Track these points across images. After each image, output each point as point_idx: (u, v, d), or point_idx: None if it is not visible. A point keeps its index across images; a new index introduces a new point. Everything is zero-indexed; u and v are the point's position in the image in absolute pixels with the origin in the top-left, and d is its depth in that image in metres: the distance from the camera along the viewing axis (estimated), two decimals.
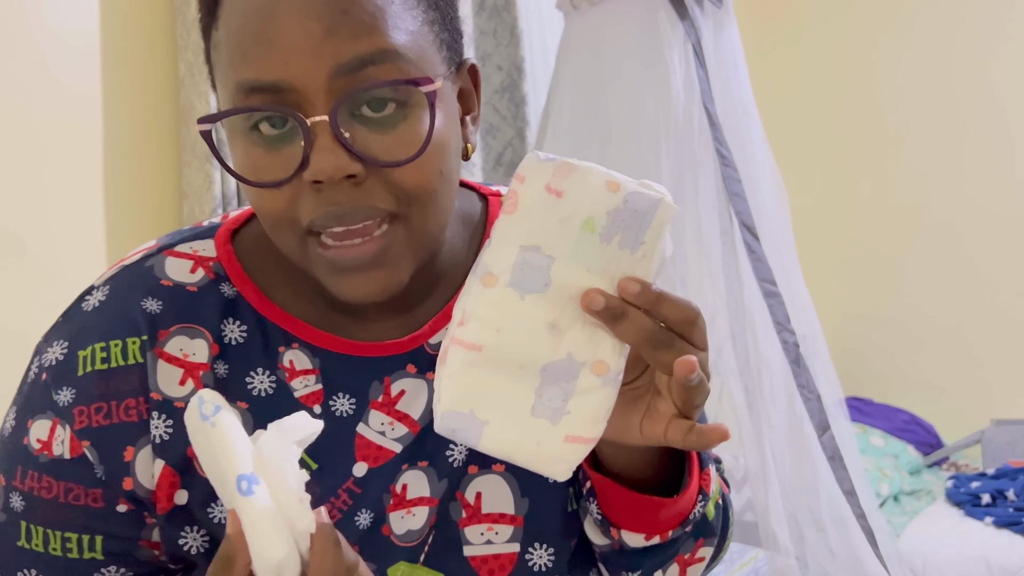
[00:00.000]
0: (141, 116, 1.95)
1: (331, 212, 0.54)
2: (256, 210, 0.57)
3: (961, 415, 3.19)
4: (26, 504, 0.61)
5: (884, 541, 1.91)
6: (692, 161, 2.05)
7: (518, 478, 0.67)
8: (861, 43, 3.48)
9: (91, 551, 0.61)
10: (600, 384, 0.52)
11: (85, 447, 0.61)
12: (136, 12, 1.94)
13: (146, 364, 0.61)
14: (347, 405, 0.64)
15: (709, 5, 2.10)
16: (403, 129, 0.54)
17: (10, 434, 0.63)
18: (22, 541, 0.61)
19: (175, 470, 0.61)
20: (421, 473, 0.65)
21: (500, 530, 0.66)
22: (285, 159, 0.54)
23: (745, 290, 1.94)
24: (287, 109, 0.52)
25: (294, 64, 0.51)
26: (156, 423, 0.61)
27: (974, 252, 3.27)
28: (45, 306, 1.86)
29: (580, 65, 2.26)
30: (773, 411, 1.91)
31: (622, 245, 0.51)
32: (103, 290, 0.64)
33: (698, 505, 0.63)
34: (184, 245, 0.65)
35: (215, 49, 0.56)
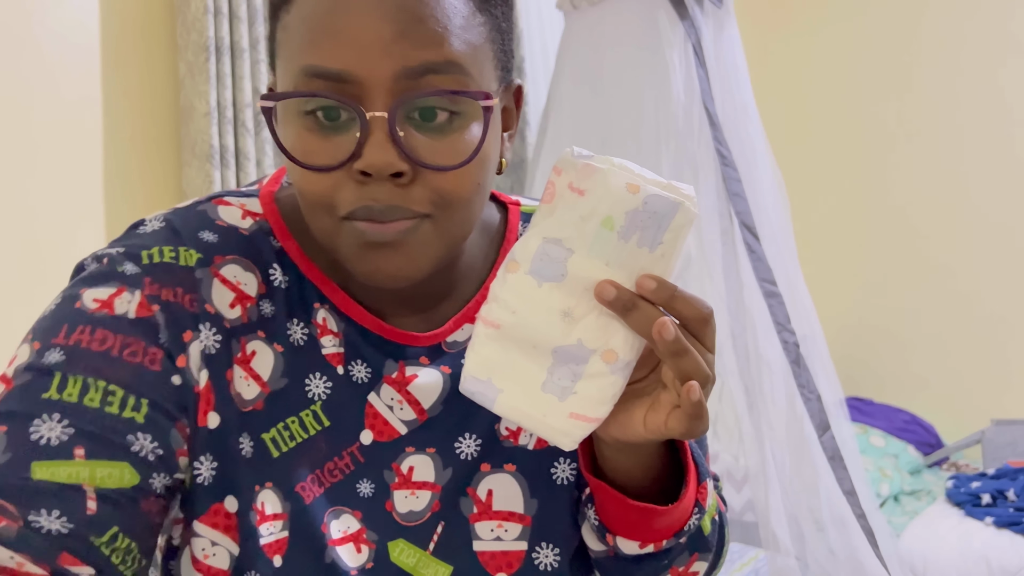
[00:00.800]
0: (141, 116, 1.95)
1: (370, 207, 0.56)
2: (298, 189, 0.59)
3: (961, 415, 3.19)
4: (67, 356, 0.56)
5: (884, 541, 1.91)
6: (692, 161, 2.05)
7: (528, 479, 0.69)
8: (861, 43, 3.49)
9: (134, 411, 0.56)
10: (608, 371, 0.56)
11: (155, 310, 0.59)
12: (136, 12, 1.94)
13: (202, 278, 0.62)
14: (363, 372, 0.66)
15: (709, 5, 2.10)
16: (453, 137, 0.57)
17: (54, 309, 0.59)
18: (50, 392, 0.55)
19: (213, 387, 0.61)
20: (428, 459, 0.67)
21: (509, 528, 0.68)
22: (336, 146, 0.56)
23: (745, 290, 1.94)
24: (348, 100, 0.55)
25: (362, 58, 0.54)
26: (206, 332, 0.61)
27: (974, 252, 3.27)
28: (44, 306, 1.86)
29: (580, 65, 2.26)
30: (773, 411, 1.91)
31: (640, 244, 0.54)
32: (157, 221, 0.64)
33: (693, 517, 0.65)
34: (231, 198, 0.68)
35: (283, 31, 0.58)
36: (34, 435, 0.53)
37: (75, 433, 0.54)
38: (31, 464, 0.52)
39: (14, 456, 0.52)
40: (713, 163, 2.01)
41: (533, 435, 0.70)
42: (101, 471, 0.54)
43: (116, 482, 0.54)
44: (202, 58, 1.90)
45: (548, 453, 0.70)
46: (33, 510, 0.51)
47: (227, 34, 1.94)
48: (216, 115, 1.92)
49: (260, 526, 0.61)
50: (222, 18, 1.93)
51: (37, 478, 0.52)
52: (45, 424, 0.54)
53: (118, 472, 0.55)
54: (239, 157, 1.97)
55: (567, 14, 2.31)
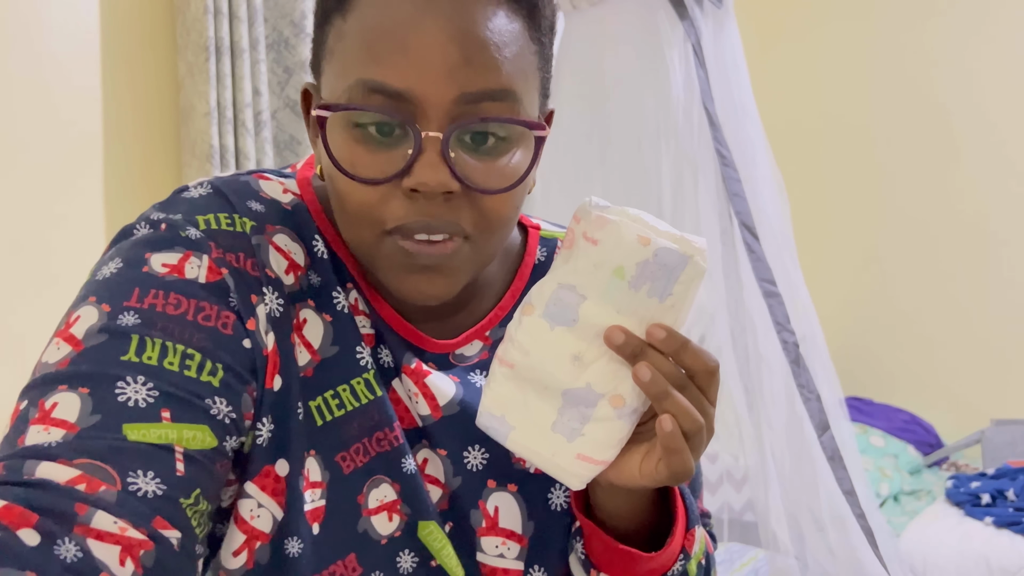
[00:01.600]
0: (141, 116, 1.95)
1: (419, 221, 0.57)
2: (341, 198, 0.59)
3: (961, 415, 3.20)
4: (143, 320, 0.56)
5: (884, 541, 1.91)
6: (692, 161, 2.05)
7: (527, 501, 0.70)
8: (860, 42, 3.49)
9: (210, 375, 0.56)
10: (615, 415, 0.57)
11: (224, 273, 0.60)
12: (136, 12, 1.94)
13: (259, 244, 0.63)
14: (388, 358, 0.67)
15: (709, 5, 2.10)
16: (501, 162, 0.58)
17: (116, 272, 0.58)
18: (130, 355, 0.54)
19: (279, 350, 0.62)
20: (439, 459, 0.68)
21: (511, 546, 0.70)
22: (385, 160, 0.57)
23: (745, 290, 1.94)
24: (406, 118, 0.56)
25: (425, 80, 0.55)
26: (270, 296, 0.62)
27: (974, 252, 3.27)
28: (45, 306, 1.85)
29: (580, 65, 2.26)
30: (773, 411, 1.91)
31: (650, 294, 0.56)
32: (203, 187, 0.64)
33: (678, 563, 0.66)
34: (270, 174, 0.68)
35: (338, 38, 0.59)
36: (120, 397, 0.53)
37: (159, 396, 0.54)
38: (122, 426, 0.52)
39: (103, 417, 0.52)
40: (713, 163, 2.01)
41: None
42: (187, 433, 0.54)
43: (199, 444, 0.54)
44: (202, 58, 1.90)
45: (547, 478, 0.70)
46: (131, 471, 0.51)
47: (227, 34, 1.94)
48: (216, 115, 1.92)
49: (305, 492, 0.63)
50: (222, 18, 1.93)
51: (132, 439, 0.52)
52: (130, 387, 0.53)
53: (201, 435, 0.55)
54: (239, 157, 1.97)
55: (567, 14, 2.31)
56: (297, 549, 0.63)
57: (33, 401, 0.53)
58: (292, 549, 0.63)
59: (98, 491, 0.49)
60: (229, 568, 0.63)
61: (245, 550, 0.62)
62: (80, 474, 0.49)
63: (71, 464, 0.49)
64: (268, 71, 2.11)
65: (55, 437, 0.50)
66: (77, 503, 0.48)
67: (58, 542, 0.46)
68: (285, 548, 0.62)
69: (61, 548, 0.46)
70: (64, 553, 0.46)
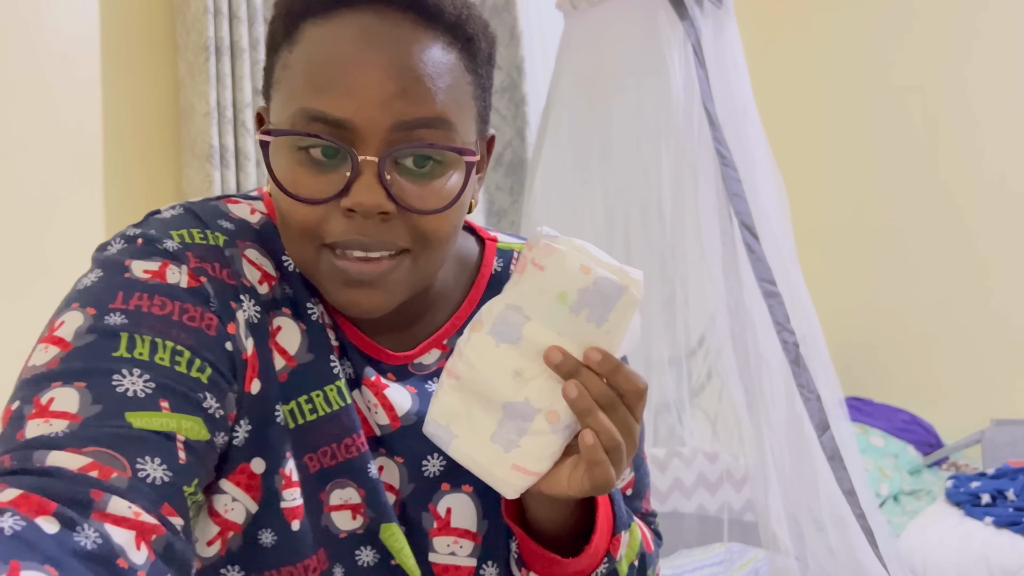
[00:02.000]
0: (141, 116, 1.95)
1: (357, 240, 0.61)
2: (284, 217, 0.63)
3: (961, 415, 3.20)
4: (130, 320, 0.57)
5: (884, 541, 1.91)
6: (692, 161, 2.05)
7: (482, 500, 0.74)
8: (860, 42, 3.49)
9: (199, 372, 0.58)
10: (549, 430, 0.61)
11: (203, 280, 0.62)
12: (136, 12, 1.94)
13: (232, 255, 0.65)
14: (350, 370, 0.70)
15: (709, 5, 2.10)
16: (435, 184, 0.62)
17: (97, 280, 0.60)
18: (121, 351, 0.56)
19: (258, 355, 0.65)
20: (395, 466, 0.72)
21: (464, 544, 0.73)
22: (325, 182, 0.60)
23: (745, 290, 1.94)
24: (344, 145, 0.59)
25: (364, 111, 0.59)
26: (247, 303, 0.65)
27: (974, 252, 3.27)
28: (44, 305, 1.86)
29: (580, 65, 2.26)
30: (773, 411, 1.91)
31: (589, 319, 0.61)
32: (174, 209, 0.67)
33: (602, 566, 0.70)
34: (237, 198, 0.72)
35: (283, 68, 0.62)
36: (119, 388, 0.54)
37: (156, 387, 0.55)
38: (125, 414, 0.53)
39: (105, 407, 0.53)
40: (713, 163, 2.01)
41: None
42: (185, 423, 0.55)
43: (196, 435, 0.56)
44: (202, 58, 1.90)
45: None
46: (139, 458, 0.51)
47: (227, 34, 1.94)
48: (216, 115, 1.92)
49: (284, 491, 0.65)
50: (222, 18, 1.93)
51: (137, 427, 0.53)
52: (127, 378, 0.55)
53: (196, 426, 0.56)
54: (239, 157, 1.97)
55: (567, 14, 2.31)
56: (271, 540, 0.65)
57: (26, 399, 0.53)
58: (265, 539, 0.65)
59: (110, 477, 0.50)
60: (203, 556, 0.65)
61: (219, 540, 0.65)
62: (91, 461, 0.50)
63: (81, 452, 0.50)
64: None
65: (58, 428, 0.51)
66: (92, 489, 0.48)
67: (77, 529, 0.46)
68: (259, 538, 0.65)
69: (81, 535, 0.46)
70: (84, 540, 0.46)
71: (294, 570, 0.66)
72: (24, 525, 0.45)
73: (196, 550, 0.65)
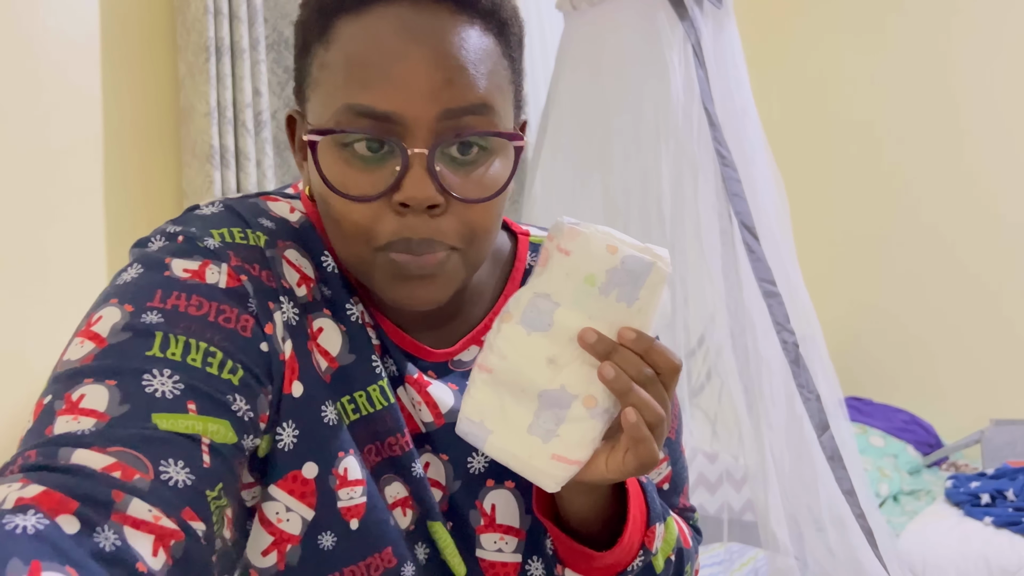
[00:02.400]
0: (141, 116, 1.95)
1: (407, 240, 0.61)
2: (335, 217, 0.62)
3: (961, 415, 3.20)
4: (166, 319, 0.57)
5: (884, 541, 1.91)
6: (692, 161, 2.05)
7: (525, 496, 0.73)
8: (859, 43, 3.49)
9: (230, 373, 0.58)
10: (588, 415, 0.60)
11: (243, 280, 0.62)
12: (136, 12, 1.94)
13: (273, 256, 0.65)
14: (392, 368, 0.70)
15: (709, 5, 2.10)
16: (482, 172, 0.62)
17: (137, 276, 0.60)
18: (154, 350, 0.55)
19: (298, 357, 0.64)
20: (440, 464, 0.72)
21: (509, 540, 0.73)
22: (375, 179, 0.60)
23: (745, 290, 1.94)
24: (393, 139, 0.59)
25: (410, 101, 0.58)
26: (286, 305, 0.64)
27: (974, 253, 3.27)
28: (44, 305, 1.85)
29: (580, 65, 2.26)
30: (773, 411, 1.91)
31: (619, 299, 0.60)
32: (215, 206, 0.67)
33: (638, 559, 0.70)
34: (277, 196, 0.71)
35: (321, 68, 0.62)
36: (148, 388, 0.54)
37: (185, 388, 0.55)
38: (151, 415, 0.53)
39: (133, 407, 0.53)
40: (712, 163, 2.01)
41: None
42: (211, 426, 0.55)
43: (222, 438, 0.56)
44: (202, 58, 1.90)
45: None
46: (163, 460, 0.51)
47: (227, 34, 1.94)
48: (216, 115, 1.92)
49: (339, 491, 0.65)
50: (222, 18, 1.93)
51: (163, 428, 0.52)
52: (156, 379, 0.54)
53: (223, 429, 0.56)
54: (239, 157, 1.97)
55: (567, 14, 2.31)
56: (331, 542, 0.65)
57: (58, 394, 0.53)
58: (325, 542, 0.65)
59: (133, 479, 0.49)
60: (259, 567, 0.65)
61: (274, 551, 0.64)
62: (115, 461, 0.50)
63: (106, 451, 0.50)
64: (268, 71, 2.11)
65: (86, 426, 0.51)
66: (114, 490, 0.48)
67: (96, 530, 0.46)
68: (318, 542, 0.65)
69: (99, 536, 0.46)
70: (103, 542, 0.46)
71: (357, 568, 0.66)
72: (47, 524, 0.45)
73: (250, 559, 0.65)
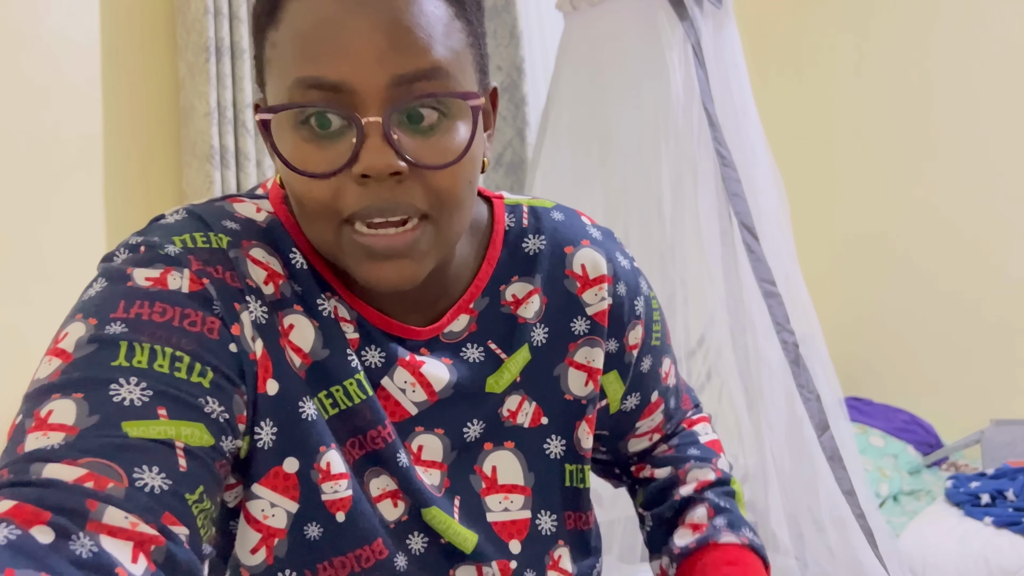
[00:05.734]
0: (141, 116, 1.95)
1: (374, 205, 0.59)
2: (297, 198, 0.61)
3: (961, 415, 3.19)
4: (130, 328, 0.57)
5: (884, 541, 1.91)
6: (692, 161, 2.05)
7: (526, 454, 0.76)
8: (860, 44, 3.49)
9: (200, 376, 0.58)
10: None
11: (205, 283, 0.61)
12: (136, 12, 1.94)
13: (236, 256, 0.65)
14: (377, 358, 0.69)
15: (709, 5, 2.10)
16: (443, 137, 0.60)
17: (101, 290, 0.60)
18: (120, 360, 0.55)
19: (270, 355, 0.64)
20: (436, 439, 0.72)
21: (514, 499, 0.75)
22: (333, 154, 0.59)
23: (745, 290, 1.94)
24: (344, 109, 0.58)
25: (358, 69, 0.57)
26: (253, 304, 0.64)
27: (974, 253, 3.27)
28: (45, 305, 1.85)
29: (580, 65, 2.26)
30: (773, 411, 1.91)
31: None
32: (178, 213, 0.67)
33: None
34: (243, 198, 0.71)
35: (272, 48, 0.61)
36: (116, 398, 0.54)
37: (154, 395, 0.55)
38: (121, 424, 0.53)
39: (102, 417, 0.52)
40: (712, 163, 2.01)
41: (528, 414, 0.76)
42: (185, 429, 0.55)
43: (198, 441, 0.55)
44: (202, 59, 1.90)
45: (541, 431, 0.76)
46: (136, 467, 0.51)
47: (227, 35, 1.94)
48: (216, 115, 1.92)
49: (322, 484, 0.65)
50: (222, 19, 1.93)
51: (133, 436, 0.52)
52: (124, 387, 0.54)
53: (198, 432, 0.56)
54: (239, 157, 1.97)
55: (567, 15, 2.31)
56: (317, 532, 0.66)
57: (28, 412, 0.54)
58: (311, 533, 0.66)
59: (106, 488, 0.49)
60: (248, 565, 0.65)
61: (263, 547, 0.65)
62: (87, 472, 0.49)
63: (76, 463, 0.50)
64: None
65: (56, 440, 0.51)
66: (87, 499, 0.48)
67: (72, 538, 0.46)
68: (304, 533, 0.65)
69: (75, 544, 0.46)
70: (79, 549, 0.46)
71: (346, 560, 0.67)
72: (19, 535, 0.45)
73: (240, 559, 0.65)
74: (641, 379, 0.83)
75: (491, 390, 0.74)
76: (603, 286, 0.78)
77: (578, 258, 0.78)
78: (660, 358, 0.85)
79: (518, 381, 0.75)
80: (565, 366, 0.77)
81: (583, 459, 0.79)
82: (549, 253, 0.77)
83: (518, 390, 0.75)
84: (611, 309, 0.78)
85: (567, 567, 0.78)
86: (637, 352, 0.81)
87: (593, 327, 0.77)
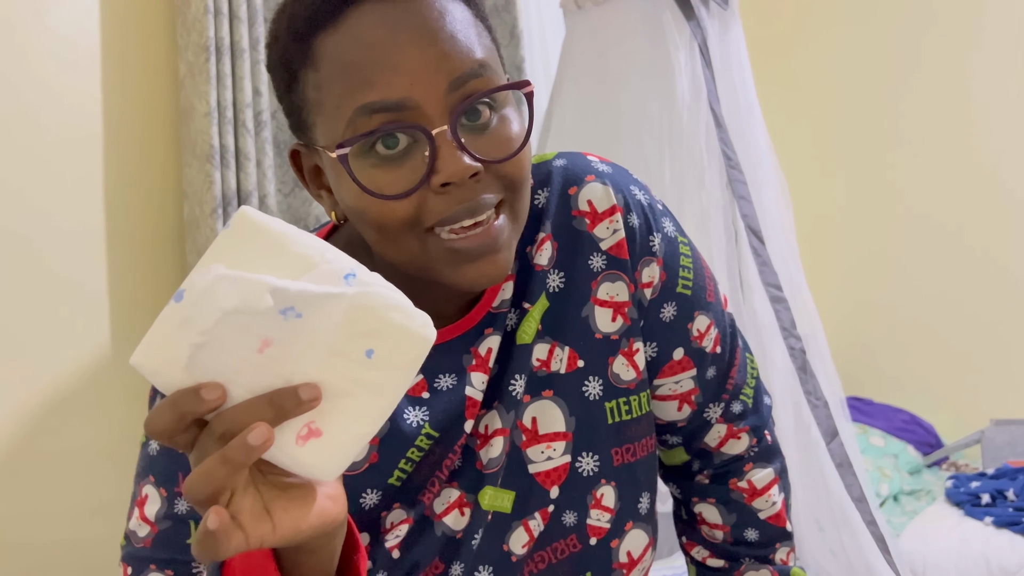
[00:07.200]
0: (141, 116, 1.93)
1: (462, 208, 0.61)
2: (377, 222, 0.62)
3: (961, 415, 3.20)
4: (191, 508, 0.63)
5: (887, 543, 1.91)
6: (697, 162, 2.04)
7: (566, 399, 0.76)
8: (865, 44, 3.48)
9: None
10: None
11: None
12: (136, 12, 1.92)
13: None
14: (449, 381, 0.72)
15: (715, 5, 2.09)
16: (501, 129, 0.63)
17: (161, 451, 0.66)
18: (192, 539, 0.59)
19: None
20: (495, 412, 0.74)
21: (556, 446, 0.76)
22: (407, 170, 0.61)
23: (751, 295, 1.93)
24: (411, 124, 0.60)
25: (416, 82, 0.60)
26: None
27: (974, 253, 3.27)
28: (45, 305, 1.83)
29: (584, 65, 2.24)
30: (780, 417, 1.91)
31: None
32: None
33: None
34: None
35: (315, 89, 0.63)
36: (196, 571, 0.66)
37: None
38: None
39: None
40: (718, 164, 2.00)
41: (563, 360, 0.76)
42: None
43: None
44: (202, 58, 1.88)
45: (578, 374, 0.76)
46: None
47: (227, 34, 1.92)
48: (216, 115, 1.90)
49: (386, 536, 0.70)
50: (222, 18, 1.91)
51: None
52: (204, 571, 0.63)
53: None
54: (239, 157, 1.95)
55: (570, 14, 2.29)
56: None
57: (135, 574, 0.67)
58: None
59: None
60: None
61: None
62: None
63: None
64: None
65: None
66: None
67: None
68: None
69: None
70: None
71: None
72: None
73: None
74: (660, 329, 0.79)
75: (522, 342, 0.74)
76: (615, 217, 0.75)
77: (583, 194, 0.76)
78: (691, 312, 0.79)
79: (540, 330, 0.75)
80: (592, 306, 0.76)
81: (624, 391, 0.78)
82: (556, 199, 0.76)
83: (543, 338, 0.75)
84: (627, 242, 0.76)
85: (609, 504, 0.78)
86: (652, 294, 0.78)
87: (611, 261, 0.75)
